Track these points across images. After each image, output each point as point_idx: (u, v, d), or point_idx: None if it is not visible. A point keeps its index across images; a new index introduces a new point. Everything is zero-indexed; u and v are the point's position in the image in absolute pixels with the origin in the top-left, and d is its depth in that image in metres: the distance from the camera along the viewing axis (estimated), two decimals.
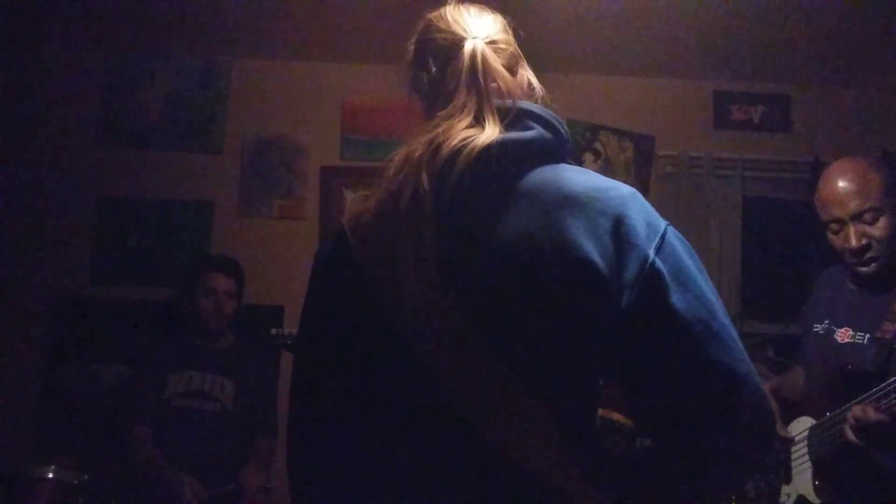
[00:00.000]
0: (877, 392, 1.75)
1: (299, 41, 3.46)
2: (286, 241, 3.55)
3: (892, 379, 1.73)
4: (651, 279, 0.94)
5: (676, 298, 0.93)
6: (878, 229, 1.88)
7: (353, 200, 3.54)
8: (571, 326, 0.95)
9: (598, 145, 3.57)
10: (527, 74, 1.14)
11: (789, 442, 2.09)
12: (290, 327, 3.07)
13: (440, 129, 1.02)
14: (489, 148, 0.99)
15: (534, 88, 1.14)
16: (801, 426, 2.07)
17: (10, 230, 3.47)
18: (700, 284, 0.96)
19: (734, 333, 0.95)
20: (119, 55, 3.61)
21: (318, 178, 3.59)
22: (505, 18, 1.15)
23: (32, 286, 3.44)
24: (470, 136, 1.00)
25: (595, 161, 3.55)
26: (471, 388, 0.95)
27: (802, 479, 2.01)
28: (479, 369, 0.95)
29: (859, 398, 1.79)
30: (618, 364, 0.98)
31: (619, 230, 0.95)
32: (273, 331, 2.56)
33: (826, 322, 2.04)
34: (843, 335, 1.98)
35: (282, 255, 3.52)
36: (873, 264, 1.90)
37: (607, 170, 3.50)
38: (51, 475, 2.52)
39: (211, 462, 2.77)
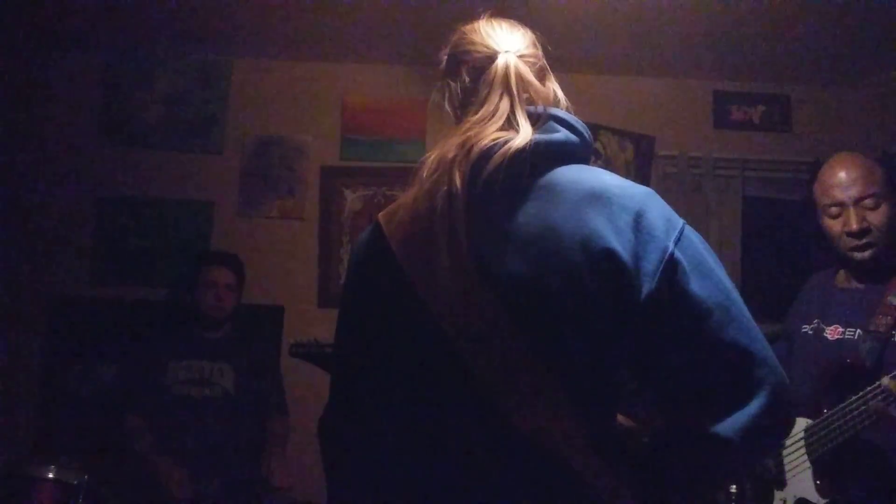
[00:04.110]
0: None
1: (299, 41, 3.46)
2: (286, 241, 3.55)
3: None
4: (671, 268, 0.99)
5: (696, 286, 0.99)
6: (878, 216, 1.92)
7: (353, 200, 3.57)
8: (595, 313, 1.00)
9: (598, 145, 3.57)
10: (553, 86, 1.21)
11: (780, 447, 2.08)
12: (295, 330, 3.08)
13: (472, 133, 1.08)
14: (524, 148, 1.05)
15: (559, 100, 1.20)
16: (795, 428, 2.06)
17: (10, 230, 3.47)
18: (718, 273, 1.02)
19: (752, 319, 1.00)
20: (119, 55, 3.61)
21: (318, 178, 3.59)
22: (533, 32, 1.22)
23: (32, 286, 3.44)
24: (501, 137, 1.06)
25: (595, 161, 3.55)
26: (501, 374, 1.01)
27: (799, 481, 1.98)
28: (509, 356, 1.01)
29: (877, 382, 1.77)
30: (639, 351, 1.03)
31: (640, 224, 1.01)
32: (291, 340, 2.57)
33: (815, 321, 2.05)
34: (834, 332, 1.99)
35: (282, 255, 3.52)
36: (870, 251, 1.93)
37: (607, 170, 3.49)
38: (51, 475, 2.52)
39: (216, 448, 2.79)
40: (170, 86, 3.63)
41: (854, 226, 1.92)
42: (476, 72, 1.15)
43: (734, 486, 2.12)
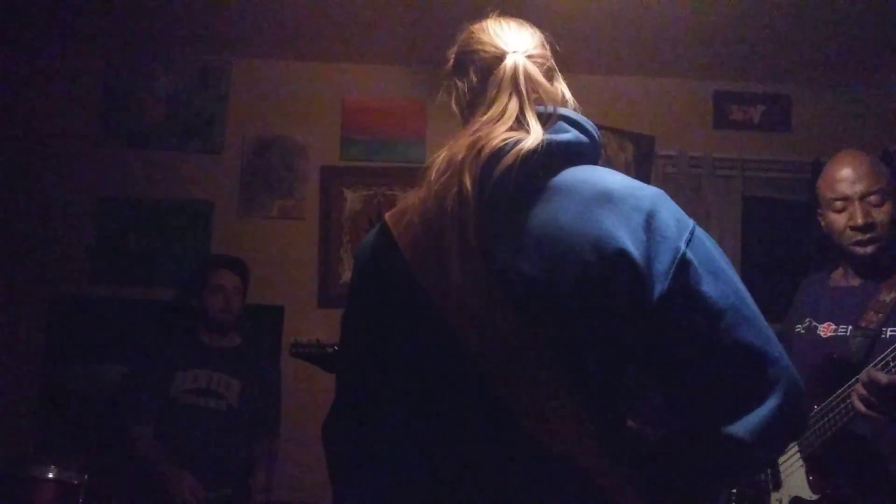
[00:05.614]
0: (881, 360, 1.75)
1: (299, 41, 3.46)
2: (286, 241, 3.55)
3: (893, 347, 1.73)
4: (683, 269, 0.99)
5: (708, 286, 0.99)
6: (882, 213, 1.95)
7: (353, 200, 3.57)
8: (607, 313, 1.00)
9: None
10: (561, 86, 1.20)
11: None
12: (295, 330, 3.08)
13: (481, 133, 1.07)
14: (535, 149, 1.05)
15: (567, 100, 1.19)
16: None
17: (10, 230, 3.47)
18: (730, 274, 1.02)
19: (763, 319, 1.00)
20: (119, 55, 3.61)
21: (318, 178, 3.59)
22: (542, 32, 1.21)
23: (32, 286, 3.44)
24: (511, 137, 1.06)
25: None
26: (511, 376, 1.00)
27: (793, 480, 1.99)
28: (520, 358, 1.00)
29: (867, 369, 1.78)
30: (652, 352, 1.02)
31: (651, 224, 1.01)
32: (292, 339, 2.56)
33: (807, 320, 2.07)
34: (826, 330, 2.01)
35: (282, 255, 3.52)
36: (872, 246, 1.95)
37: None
38: (51, 475, 2.52)
39: (216, 459, 2.79)
40: (170, 86, 3.63)
41: (860, 220, 1.94)
42: (484, 71, 1.15)
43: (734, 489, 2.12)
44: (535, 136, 1.05)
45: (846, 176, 1.98)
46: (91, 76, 3.60)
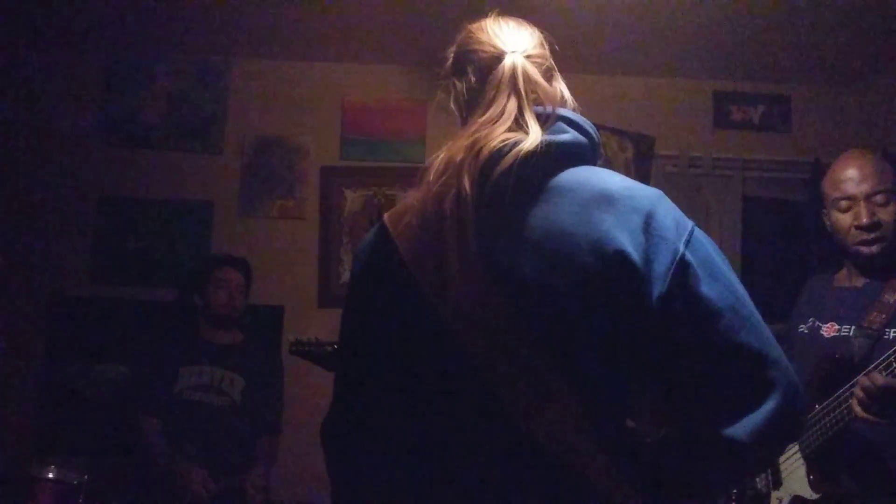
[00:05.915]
0: (882, 362, 1.75)
1: (299, 41, 3.46)
2: (286, 241, 3.55)
3: (893, 349, 1.74)
4: (682, 270, 0.99)
5: (706, 288, 0.99)
6: (888, 213, 1.94)
7: (353, 200, 3.57)
8: (606, 315, 1.00)
9: None
10: (560, 86, 1.20)
11: None
12: (295, 330, 3.08)
13: (480, 134, 1.07)
14: (534, 151, 1.04)
15: (566, 100, 1.19)
16: None
17: (10, 230, 3.48)
18: (728, 276, 1.02)
19: (762, 321, 1.00)
20: (119, 55, 3.61)
21: (318, 178, 3.59)
22: (541, 31, 1.21)
23: (32, 286, 3.45)
24: (510, 138, 1.05)
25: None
26: (510, 377, 1.00)
27: (794, 479, 2.00)
28: (518, 359, 1.00)
29: (864, 372, 1.78)
30: (651, 353, 1.02)
31: (650, 225, 1.01)
32: (291, 337, 2.56)
33: (811, 320, 2.07)
34: (829, 330, 2.01)
35: (282, 255, 3.52)
36: (877, 245, 1.95)
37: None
38: (51, 475, 2.52)
39: (218, 455, 2.79)
40: (170, 86, 3.63)
41: (865, 219, 1.94)
42: (482, 72, 1.14)
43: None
44: (533, 137, 1.05)
45: (851, 176, 1.98)
46: (91, 76, 3.60)
